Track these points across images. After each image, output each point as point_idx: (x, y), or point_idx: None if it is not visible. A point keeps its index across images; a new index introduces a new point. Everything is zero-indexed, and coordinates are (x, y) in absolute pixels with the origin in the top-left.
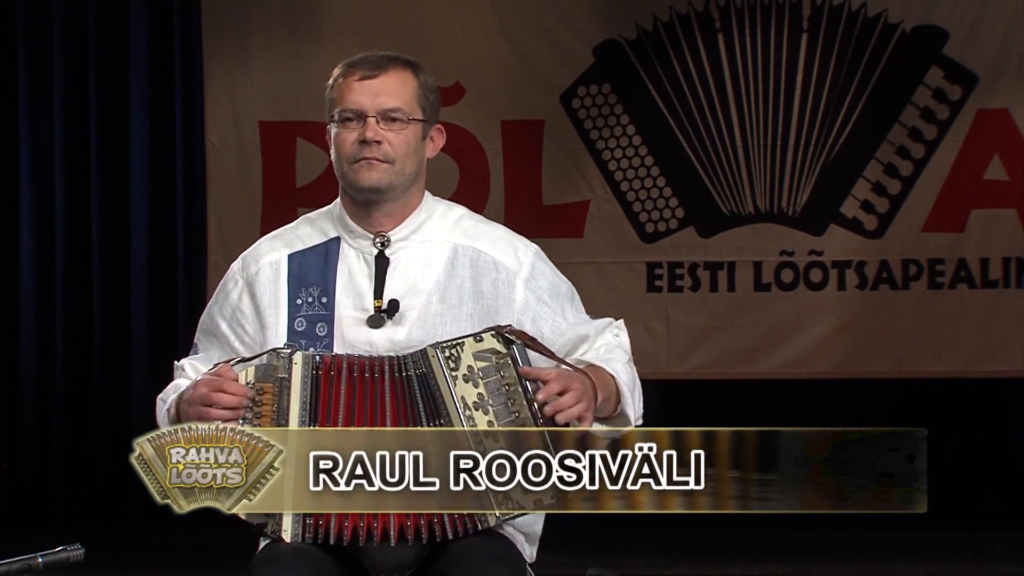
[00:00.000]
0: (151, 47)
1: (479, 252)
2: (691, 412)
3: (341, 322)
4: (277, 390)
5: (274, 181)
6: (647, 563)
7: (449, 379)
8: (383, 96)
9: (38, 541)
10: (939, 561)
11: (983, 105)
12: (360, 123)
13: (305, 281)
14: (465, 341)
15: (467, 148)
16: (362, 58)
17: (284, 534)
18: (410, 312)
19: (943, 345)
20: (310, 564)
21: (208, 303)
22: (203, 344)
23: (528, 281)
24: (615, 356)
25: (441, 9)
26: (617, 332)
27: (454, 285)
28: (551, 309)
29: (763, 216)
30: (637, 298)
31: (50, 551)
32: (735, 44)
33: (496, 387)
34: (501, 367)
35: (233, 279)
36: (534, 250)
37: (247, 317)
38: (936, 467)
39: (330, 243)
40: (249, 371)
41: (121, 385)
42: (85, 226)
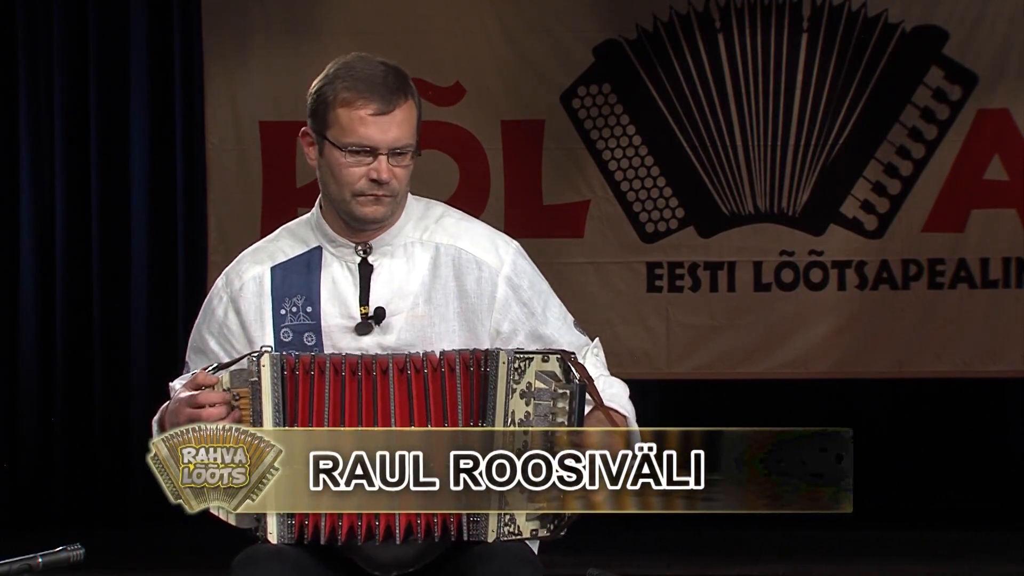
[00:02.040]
0: (151, 47)
1: (460, 250)
2: (691, 412)
3: (329, 331)
4: (251, 394)
5: (274, 181)
6: (647, 563)
7: (509, 390)
8: (395, 132)
9: (38, 541)
10: (939, 561)
11: (983, 105)
12: (370, 158)
13: (289, 291)
14: (534, 357)
15: (467, 148)
16: (366, 82)
17: (270, 536)
18: (397, 317)
19: (943, 345)
20: (288, 564)
21: (196, 321)
22: (194, 362)
23: (509, 279)
24: (617, 391)
25: (441, 9)
26: (596, 353)
27: (439, 285)
28: (529, 311)
29: (763, 216)
30: (637, 298)
31: (50, 551)
32: (735, 44)
33: (544, 412)
34: (558, 397)
35: (218, 296)
36: (515, 247)
37: (234, 333)
38: (936, 467)
39: (312, 252)
40: (224, 377)
41: (121, 385)
42: (85, 226)
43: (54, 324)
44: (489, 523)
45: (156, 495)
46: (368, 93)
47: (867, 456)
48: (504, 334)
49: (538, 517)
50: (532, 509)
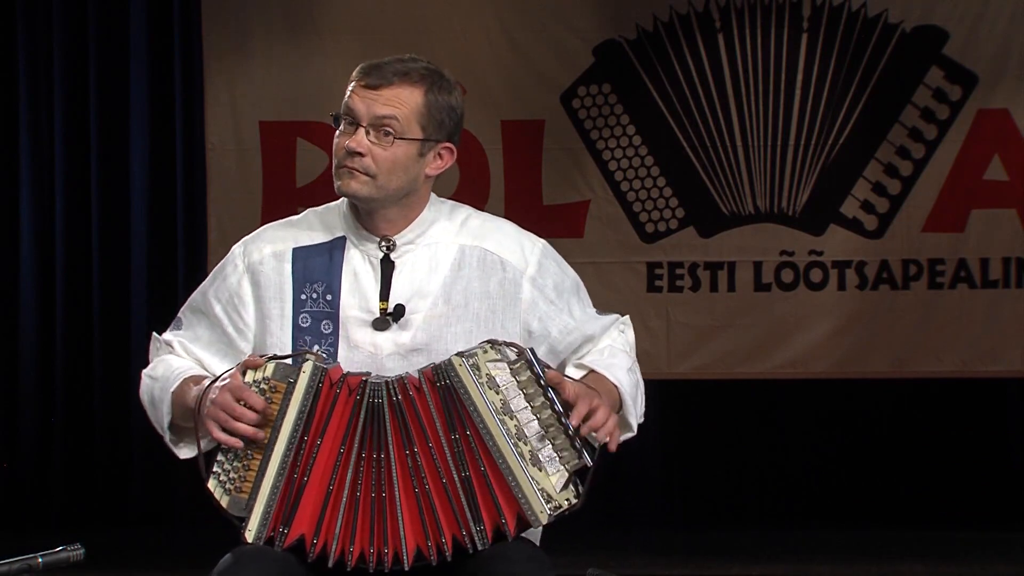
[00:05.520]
0: (151, 47)
1: (486, 251)
2: (691, 412)
3: (346, 322)
4: (284, 392)
5: (274, 181)
6: (647, 563)
7: (478, 386)
8: (379, 107)
9: (38, 541)
10: (939, 561)
11: (983, 105)
12: (352, 129)
13: (310, 277)
14: (477, 352)
15: (467, 148)
16: (378, 64)
17: (248, 533)
18: (415, 315)
19: (943, 345)
20: (274, 564)
21: (202, 284)
22: (188, 320)
23: (535, 279)
24: (618, 362)
25: (441, 9)
26: (623, 329)
27: (459, 286)
28: (557, 308)
29: (763, 216)
30: (637, 298)
31: (50, 551)
32: (735, 44)
33: (515, 392)
34: (516, 372)
35: (233, 263)
36: (541, 246)
37: (245, 304)
38: (936, 467)
39: (335, 242)
40: (269, 366)
41: (121, 385)
42: (85, 226)
43: (54, 324)
44: (534, 507)
45: (155, 495)
46: (368, 70)
47: (867, 456)
48: (536, 333)
49: (565, 485)
50: (555, 478)
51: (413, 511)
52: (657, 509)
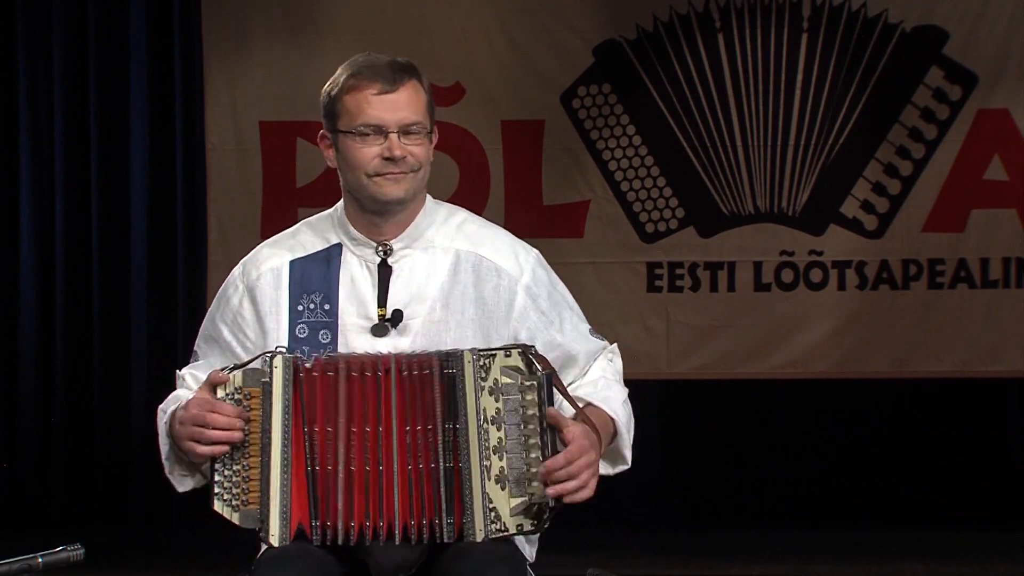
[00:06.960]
0: (151, 47)
1: (481, 258)
2: (691, 412)
3: (345, 330)
4: (261, 394)
5: (274, 181)
6: (647, 563)
7: (477, 387)
8: (403, 111)
9: (38, 541)
10: (939, 561)
11: (983, 105)
12: (380, 138)
13: (307, 287)
14: (496, 354)
15: (467, 148)
16: (369, 67)
17: (272, 538)
18: (414, 321)
19: (943, 345)
20: (313, 564)
21: (208, 309)
22: (203, 351)
23: (529, 288)
24: (613, 394)
25: (441, 9)
26: (611, 358)
27: (457, 291)
28: (547, 320)
29: (763, 216)
30: (637, 298)
31: (50, 551)
32: (735, 44)
33: (514, 407)
34: (525, 390)
35: (233, 284)
36: (535, 256)
37: (248, 323)
38: (936, 467)
39: (332, 249)
40: (237, 376)
41: (121, 385)
42: (85, 226)
43: (54, 324)
44: (476, 523)
45: (155, 495)
46: (371, 75)
47: (867, 456)
48: (522, 342)
49: (522, 511)
50: (515, 502)
51: (404, 489)
52: (657, 509)
